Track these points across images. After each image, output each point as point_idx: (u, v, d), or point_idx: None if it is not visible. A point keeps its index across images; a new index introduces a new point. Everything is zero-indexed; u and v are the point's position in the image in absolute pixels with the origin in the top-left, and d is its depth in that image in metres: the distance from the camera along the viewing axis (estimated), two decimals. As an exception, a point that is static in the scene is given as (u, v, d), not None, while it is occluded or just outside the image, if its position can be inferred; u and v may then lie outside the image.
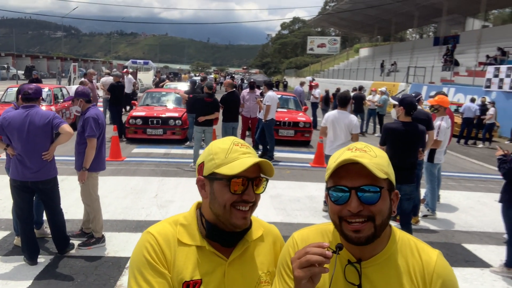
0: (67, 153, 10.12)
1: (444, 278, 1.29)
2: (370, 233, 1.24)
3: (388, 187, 1.28)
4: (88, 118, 5.03)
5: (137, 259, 1.39)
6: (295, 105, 15.01)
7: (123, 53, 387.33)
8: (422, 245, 1.37)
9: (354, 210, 1.23)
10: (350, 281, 1.30)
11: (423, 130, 5.46)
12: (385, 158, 1.31)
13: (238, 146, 1.41)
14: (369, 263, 1.31)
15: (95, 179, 5.27)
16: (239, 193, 1.37)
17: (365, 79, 34.93)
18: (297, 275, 1.15)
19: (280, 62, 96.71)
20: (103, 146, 5.30)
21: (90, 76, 14.46)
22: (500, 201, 5.07)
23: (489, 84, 19.88)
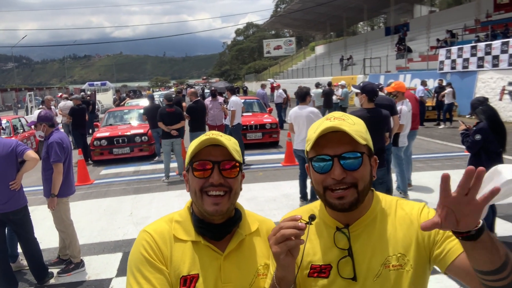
0: (34, 183, 9.85)
1: (430, 210, 1.33)
2: (353, 198, 1.27)
3: (368, 152, 1.32)
4: (52, 143, 4.89)
5: (134, 257, 1.39)
6: (260, 107, 15.09)
7: (78, 77, 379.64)
8: (407, 201, 1.41)
9: (338, 177, 1.25)
10: (340, 247, 1.33)
11: (387, 114, 5.60)
12: (363, 125, 1.34)
13: (208, 136, 1.42)
14: (356, 226, 1.34)
15: (66, 204, 5.14)
16: (204, 177, 1.39)
17: (324, 75, 35.44)
18: (274, 251, 1.17)
19: (239, 68, 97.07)
20: (70, 170, 5.17)
21: (48, 103, 14.14)
22: (467, 174, 5.23)
23: (442, 67, 20.53)
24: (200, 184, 1.39)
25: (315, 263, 1.36)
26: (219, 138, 1.40)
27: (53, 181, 4.86)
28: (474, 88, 18.21)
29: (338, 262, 1.32)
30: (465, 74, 18.93)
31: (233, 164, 1.41)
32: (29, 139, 13.49)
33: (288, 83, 42.80)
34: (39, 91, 59.18)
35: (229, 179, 1.40)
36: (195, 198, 1.42)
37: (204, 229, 1.43)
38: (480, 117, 5.00)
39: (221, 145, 1.40)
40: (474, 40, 21.21)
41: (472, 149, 5.04)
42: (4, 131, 12.21)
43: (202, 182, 1.39)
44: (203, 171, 1.39)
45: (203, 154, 1.40)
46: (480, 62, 18.08)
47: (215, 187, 1.38)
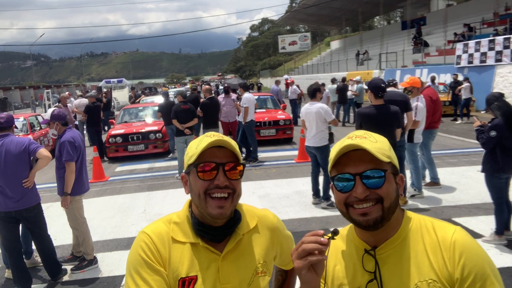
0: (49, 180, 9.99)
1: (464, 250, 1.22)
2: (378, 215, 1.24)
3: (392, 170, 1.28)
4: (64, 142, 4.92)
5: (133, 259, 1.39)
6: (273, 104, 15.05)
7: (96, 74, 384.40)
8: (439, 223, 1.33)
9: (361, 196, 1.23)
10: (367, 269, 1.30)
11: (396, 110, 5.52)
12: (386, 143, 1.31)
13: (209, 137, 1.41)
14: (384, 249, 1.30)
15: (79, 202, 5.17)
16: (209, 178, 1.37)
17: (339, 71, 35.20)
18: (296, 266, 1.17)
19: (254, 64, 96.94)
20: (83, 168, 5.18)
21: (64, 100, 14.30)
22: (482, 171, 5.16)
23: (459, 61, 20.21)
24: (205, 186, 1.37)
25: (345, 287, 1.34)
26: (223, 139, 1.39)
27: (65, 180, 4.90)
28: (492, 82, 17.89)
29: (366, 285, 1.29)
30: (483, 69, 18.60)
31: (237, 166, 1.40)
32: (46, 137, 13.66)
33: (303, 78, 42.62)
34: (57, 88, 60.06)
35: (233, 181, 1.39)
36: (198, 200, 1.40)
37: (203, 232, 1.41)
38: (495, 113, 4.90)
39: (224, 146, 1.39)
40: (492, 34, 20.82)
41: (487, 146, 4.94)
42: (19, 129, 12.42)
43: (207, 184, 1.37)
44: (208, 173, 1.37)
45: (207, 155, 1.38)
46: (498, 56, 17.75)
47: (220, 189, 1.37)
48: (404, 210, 1.37)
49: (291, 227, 6.13)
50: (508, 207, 5.08)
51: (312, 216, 6.50)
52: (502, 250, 4.91)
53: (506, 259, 4.70)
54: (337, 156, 1.26)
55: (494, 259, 4.12)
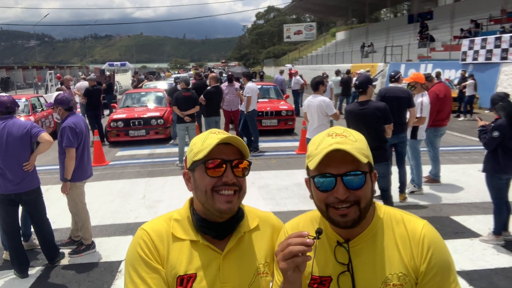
0: (50, 162, 10.00)
1: (431, 244, 1.30)
2: (356, 216, 1.27)
3: (369, 169, 1.31)
4: (64, 128, 4.88)
5: (131, 256, 1.39)
6: (276, 94, 15.01)
7: (99, 56, 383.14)
8: (408, 217, 1.38)
9: (342, 197, 1.24)
10: (340, 261, 1.32)
11: (380, 106, 5.38)
12: (364, 141, 1.32)
13: (215, 133, 1.41)
14: (357, 242, 1.33)
15: (80, 188, 5.14)
16: (216, 175, 1.37)
17: (343, 62, 35.01)
18: (282, 267, 1.18)
19: (258, 52, 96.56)
20: (84, 154, 5.12)
21: (67, 83, 14.25)
22: (483, 170, 5.15)
23: (464, 57, 20.10)
24: (212, 183, 1.37)
25: (315, 274, 1.36)
26: (232, 136, 1.39)
27: (65, 166, 4.88)
28: (496, 80, 17.81)
29: (338, 276, 1.32)
30: (488, 66, 18.49)
31: (244, 163, 1.41)
32: (47, 118, 13.66)
33: (307, 69, 42.43)
34: (59, 69, 59.90)
35: (240, 178, 1.39)
36: (205, 197, 1.38)
37: (207, 228, 1.41)
38: (499, 113, 4.87)
39: (232, 144, 1.39)
40: (499, 31, 20.66)
41: (489, 146, 4.93)
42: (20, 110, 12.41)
43: (215, 181, 1.37)
44: (216, 170, 1.37)
45: (214, 152, 1.37)
46: (504, 54, 17.63)
47: (228, 186, 1.37)
48: (375, 203, 1.40)
49: (289, 219, 6.11)
50: (507, 208, 5.08)
51: (310, 209, 6.46)
52: (499, 251, 4.91)
53: (503, 260, 4.71)
54: (321, 158, 1.25)
55: (490, 259, 4.13)
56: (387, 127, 5.43)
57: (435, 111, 7.06)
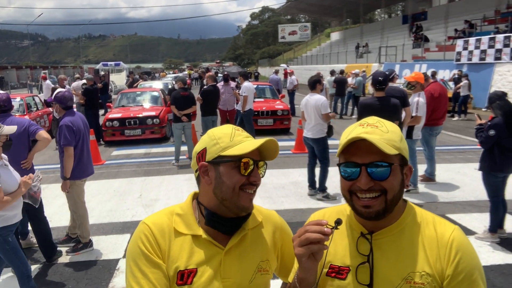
0: (45, 161, 9.99)
1: (459, 249, 1.26)
2: (381, 208, 1.25)
3: (400, 162, 1.28)
4: (61, 127, 4.85)
5: (132, 250, 1.39)
6: (272, 93, 15.04)
7: (93, 56, 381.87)
8: (440, 220, 1.35)
9: (364, 187, 1.24)
10: (361, 252, 1.31)
11: (396, 103, 5.58)
12: (397, 133, 1.30)
13: (239, 131, 1.43)
14: (381, 235, 1.31)
15: (80, 186, 5.12)
16: (245, 174, 1.37)
17: (338, 62, 35.11)
18: (297, 253, 1.17)
19: (253, 53, 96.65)
20: (84, 152, 5.09)
21: (61, 82, 14.19)
22: (479, 169, 5.19)
23: (459, 58, 20.20)
24: (242, 181, 1.37)
25: (334, 263, 1.36)
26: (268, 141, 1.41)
27: (64, 165, 4.88)
28: (490, 80, 17.92)
29: (357, 267, 1.31)
30: (482, 66, 18.61)
31: (264, 164, 1.44)
32: (42, 118, 13.60)
33: (302, 69, 42.51)
34: (53, 69, 59.64)
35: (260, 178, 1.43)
36: (231, 194, 1.37)
37: (217, 223, 1.41)
38: (496, 112, 4.92)
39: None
40: (493, 32, 20.80)
41: (485, 144, 4.97)
42: (15, 109, 12.35)
43: (244, 179, 1.37)
44: (247, 168, 1.37)
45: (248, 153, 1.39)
46: (497, 54, 17.75)
47: (253, 186, 1.39)
48: (407, 201, 1.38)
49: (286, 217, 6.14)
50: (503, 206, 5.13)
51: (308, 207, 6.53)
52: (495, 248, 4.96)
53: (498, 257, 4.75)
54: (345, 145, 1.26)
55: (486, 256, 4.17)
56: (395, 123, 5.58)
57: (430, 110, 7.11)
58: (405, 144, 1.30)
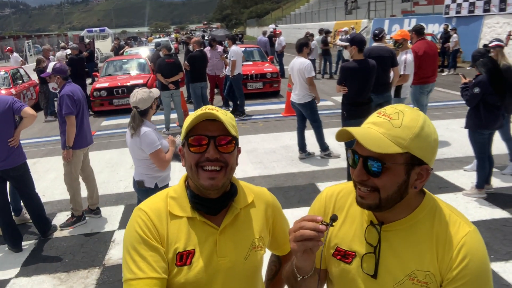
0: (35, 135, 9.93)
1: (467, 253, 1.20)
2: (373, 203, 1.22)
3: (406, 161, 1.19)
4: (62, 96, 4.88)
5: (129, 236, 1.40)
6: (260, 56, 14.83)
7: (77, 23, 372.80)
8: (456, 218, 1.28)
9: (356, 178, 1.23)
10: (369, 241, 1.30)
11: (374, 64, 5.59)
12: (412, 129, 1.18)
13: (203, 110, 1.40)
14: (391, 227, 1.28)
15: (78, 156, 5.14)
16: (199, 152, 1.38)
17: (327, 20, 34.60)
18: (293, 248, 1.18)
19: (240, 13, 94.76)
20: (84, 121, 5.15)
21: (46, 53, 13.85)
22: (465, 127, 5.24)
23: (448, 11, 19.96)
24: (196, 159, 1.38)
25: (341, 247, 1.36)
26: (215, 112, 1.37)
27: (66, 133, 4.89)
28: (479, 33, 17.79)
29: (363, 255, 1.31)
30: (471, 19, 18.42)
31: (229, 140, 1.40)
32: (29, 90, 13.42)
33: (291, 28, 41.90)
34: (37, 38, 58.20)
35: (225, 154, 1.39)
36: (191, 172, 1.41)
37: (199, 204, 1.43)
38: (480, 69, 4.92)
39: (217, 120, 1.38)
40: (482, -18, 20.48)
41: (471, 102, 4.99)
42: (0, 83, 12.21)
43: (198, 157, 1.38)
44: (198, 146, 1.38)
45: (199, 129, 1.38)
46: (486, 6, 17.55)
47: (211, 162, 1.37)
48: (426, 194, 1.32)
49: (278, 182, 6.23)
50: (489, 162, 5.21)
51: (299, 171, 6.60)
52: (482, 204, 5.07)
53: (485, 212, 4.87)
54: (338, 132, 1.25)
55: (473, 212, 4.26)
56: None
57: (416, 68, 7.08)
58: (420, 143, 1.18)
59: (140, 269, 1.33)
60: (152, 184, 3.82)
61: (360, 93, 5.53)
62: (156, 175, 3.83)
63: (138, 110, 3.72)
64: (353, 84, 5.55)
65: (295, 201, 5.49)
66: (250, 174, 6.50)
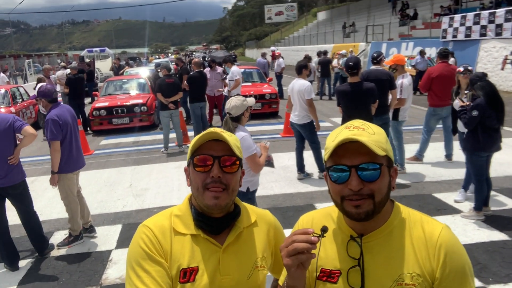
0: (34, 153, 9.93)
1: (448, 250, 1.27)
2: (370, 209, 1.25)
3: (387, 163, 1.28)
4: (47, 121, 4.82)
5: (134, 251, 1.41)
6: (259, 77, 14.98)
7: (77, 43, 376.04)
8: (427, 219, 1.36)
9: (355, 188, 1.23)
10: (351, 255, 1.32)
11: (370, 87, 5.70)
12: (383, 135, 1.29)
13: (210, 130, 1.44)
14: (371, 238, 1.31)
15: (70, 179, 5.08)
16: (204, 171, 1.41)
17: (325, 43, 34.98)
18: (286, 263, 1.18)
19: (239, 34, 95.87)
20: (73, 145, 5.05)
21: (47, 72, 13.99)
22: (463, 149, 5.28)
23: (445, 35, 20.21)
24: (202, 180, 1.41)
25: (325, 267, 1.37)
26: (221, 133, 1.41)
27: (51, 159, 4.86)
28: (476, 57, 18.00)
29: (348, 270, 1.32)
30: (468, 43, 18.66)
31: (233, 160, 1.43)
32: (28, 109, 13.47)
33: (290, 50, 42.31)
34: (38, 57, 58.62)
35: (228, 175, 1.42)
36: (197, 193, 1.44)
37: (203, 223, 1.45)
38: (478, 93, 4.98)
39: (222, 141, 1.41)
40: (478, 7, 20.81)
41: (469, 125, 5.03)
42: (3, 102, 12.26)
43: (204, 177, 1.41)
44: (204, 166, 1.41)
45: (205, 148, 1.42)
46: (483, 30, 17.78)
47: (215, 183, 1.40)
48: (394, 202, 1.38)
49: (276, 202, 6.23)
50: (487, 184, 5.23)
51: (297, 192, 6.60)
52: (480, 226, 5.07)
53: (483, 234, 4.87)
54: (334, 148, 1.26)
55: (471, 234, 4.26)
56: (372, 105, 5.80)
57: (426, 89, 7.18)
58: (390, 146, 1.31)
59: (145, 284, 1.34)
60: (244, 188, 4.01)
61: (351, 115, 5.56)
62: (248, 179, 4.03)
63: (231, 116, 3.97)
64: (346, 106, 5.68)
65: (294, 221, 5.38)
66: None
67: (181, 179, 7.29)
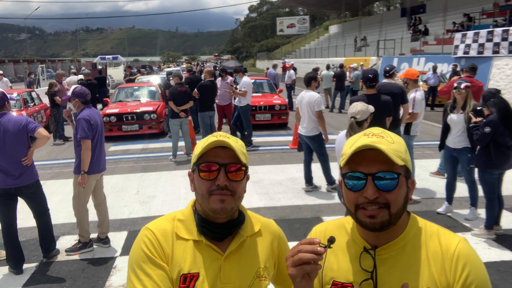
0: (42, 157, 9.98)
1: (466, 262, 1.21)
2: (385, 219, 1.21)
3: (405, 174, 1.24)
4: (79, 120, 4.89)
5: (136, 254, 1.40)
6: (270, 88, 15.00)
7: (91, 50, 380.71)
8: (444, 231, 1.31)
9: (371, 197, 1.19)
10: (364, 268, 1.28)
11: (386, 100, 5.62)
12: (402, 144, 1.25)
13: (215, 137, 1.40)
14: (385, 250, 1.27)
15: (89, 182, 5.02)
16: (209, 179, 1.38)
17: (336, 56, 35.04)
18: (291, 273, 1.15)
19: (251, 46, 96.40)
20: (97, 147, 5.08)
21: (60, 78, 14.11)
22: (475, 166, 5.20)
23: (456, 51, 20.14)
24: (208, 187, 1.39)
25: (337, 280, 1.33)
26: (227, 140, 1.38)
27: (81, 158, 4.86)
28: (488, 74, 17.89)
29: (360, 283, 1.27)
30: (480, 60, 18.53)
31: (239, 167, 1.40)
32: (39, 113, 13.57)
33: (300, 62, 42.38)
34: (51, 63, 59.36)
35: (234, 182, 1.40)
36: (202, 199, 1.41)
37: (206, 228, 1.43)
38: (491, 109, 4.92)
39: (228, 147, 1.38)
40: (492, 25, 20.74)
41: (481, 142, 4.97)
42: (12, 105, 12.31)
43: (209, 185, 1.38)
44: (209, 173, 1.38)
45: (210, 155, 1.39)
46: (496, 48, 17.70)
47: (221, 190, 1.38)
48: (410, 214, 1.34)
49: (283, 214, 6.17)
50: (499, 203, 5.14)
51: (305, 204, 6.54)
52: (491, 245, 4.98)
53: (494, 254, 4.77)
54: (351, 154, 1.21)
55: (482, 253, 4.18)
56: (387, 119, 5.73)
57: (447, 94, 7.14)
58: (409, 156, 1.25)
59: (145, 287, 1.32)
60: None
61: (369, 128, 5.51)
62: None
63: (356, 120, 3.99)
64: None
65: (301, 234, 5.42)
66: (256, 205, 6.45)
67: (188, 188, 7.24)
